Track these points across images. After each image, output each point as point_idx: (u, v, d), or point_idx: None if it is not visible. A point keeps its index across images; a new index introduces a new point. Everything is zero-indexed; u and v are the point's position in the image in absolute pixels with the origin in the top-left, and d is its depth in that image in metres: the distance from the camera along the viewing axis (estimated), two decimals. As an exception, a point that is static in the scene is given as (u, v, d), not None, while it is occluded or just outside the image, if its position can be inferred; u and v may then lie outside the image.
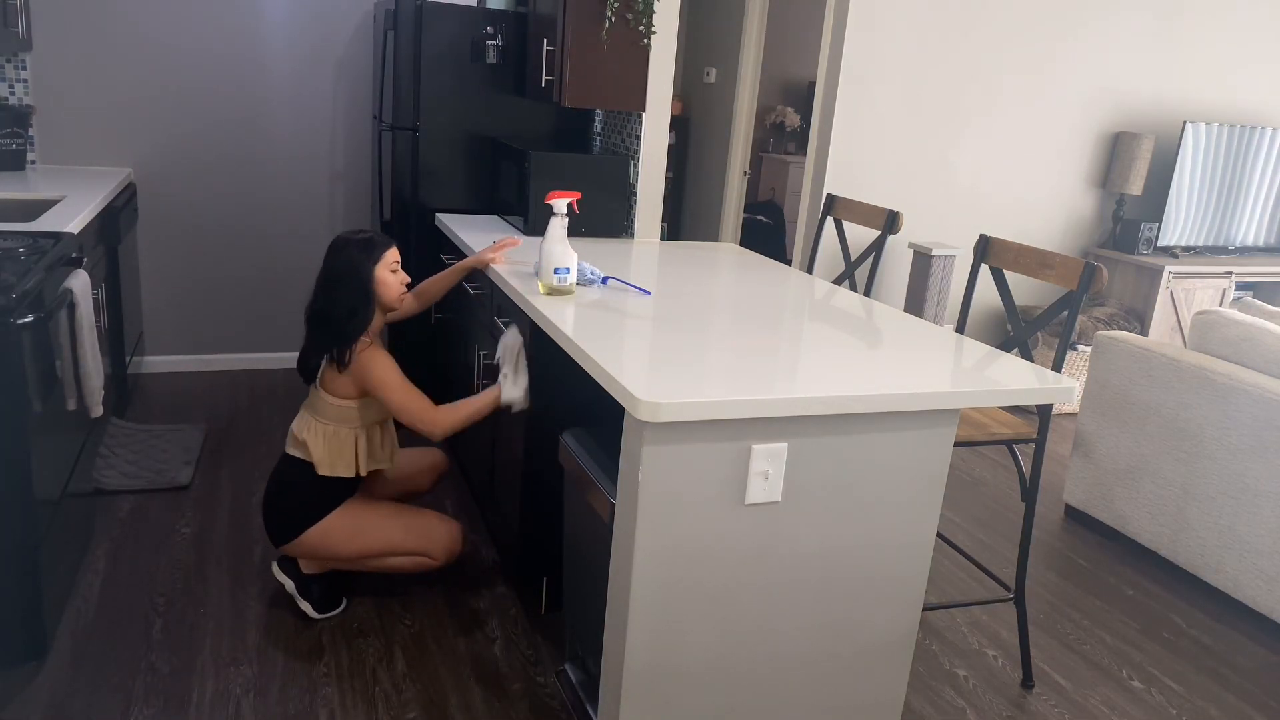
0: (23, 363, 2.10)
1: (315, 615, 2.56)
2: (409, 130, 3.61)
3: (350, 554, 2.50)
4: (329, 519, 2.46)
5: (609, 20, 3.10)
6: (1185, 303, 5.10)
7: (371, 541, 2.49)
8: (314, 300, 2.44)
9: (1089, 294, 2.32)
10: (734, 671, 1.88)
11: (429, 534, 2.55)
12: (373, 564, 2.55)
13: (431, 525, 2.56)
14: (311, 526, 2.46)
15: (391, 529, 2.51)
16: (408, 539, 2.53)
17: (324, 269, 2.43)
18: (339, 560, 2.52)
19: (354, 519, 2.49)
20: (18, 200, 3.23)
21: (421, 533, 2.54)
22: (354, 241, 2.42)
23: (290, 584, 2.56)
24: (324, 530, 2.46)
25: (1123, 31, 5.04)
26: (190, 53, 4.01)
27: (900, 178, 4.80)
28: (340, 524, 2.47)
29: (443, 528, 2.57)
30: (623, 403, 1.69)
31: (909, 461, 1.90)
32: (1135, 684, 2.61)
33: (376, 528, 2.50)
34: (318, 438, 2.44)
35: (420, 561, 2.57)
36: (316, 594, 2.56)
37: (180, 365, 4.35)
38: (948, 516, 3.55)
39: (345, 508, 2.49)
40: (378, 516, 2.52)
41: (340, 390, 2.43)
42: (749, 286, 2.70)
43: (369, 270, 2.41)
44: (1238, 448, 3.00)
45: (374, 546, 2.50)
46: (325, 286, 2.42)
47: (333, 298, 2.40)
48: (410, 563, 2.56)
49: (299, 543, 2.47)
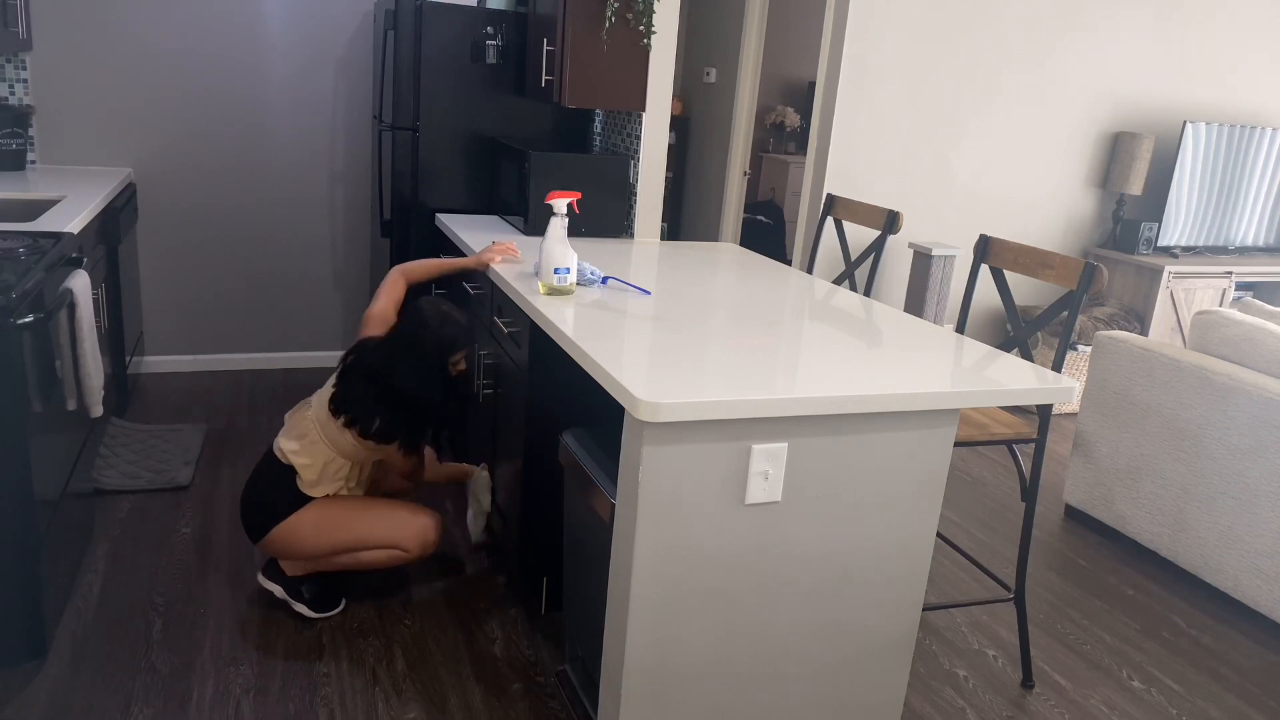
0: (23, 363, 2.10)
1: (312, 615, 2.54)
2: (409, 130, 3.61)
3: (318, 549, 2.44)
4: (296, 515, 2.42)
5: (609, 20, 3.10)
6: (1185, 303, 5.10)
7: (339, 536, 2.43)
8: (386, 364, 2.40)
9: (1089, 294, 2.32)
10: (734, 671, 1.88)
11: (400, 525, 2.48)
12: (344, 560, 2.49)
13: (402, 517, 2.49)
14: (280, 523, 2.42)
15: (359, 522, 2.45)
16: (375, 531, 2.45)
17: (414, 338, 2.41)
18: (309, 556, 2.47)
19: (320, 513, 2.43)
20: (18, 200, 3.23)
21: (392, 524, 2.47)
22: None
23: (278, 589, 2.53)
24: (292, 526, 2.41)
25: (1122, 31, 5.04)
26: (190, 53, 4.01)
27: (900, 178, 4.80)
28: (307, 519, 2.42)
29: (414, 519, 2.50)
30: (623, 403, 1.69)
31: (909, 461, 1.90)
32: (1135, 684, 2.61)
33: (344, 521, 2.44)
34: (316, 459, 2.43)
35: (393, 555, 2.50)
36: (308, 595, 2.54)
37: (180, 365, 4.35)
38: (948, 516, 3.55)
39: (313, 504, 2.44)
40: (345, 510, 2.46)
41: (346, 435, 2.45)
42: (749, 286, 2.70)
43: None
44: (1238, 448, 3.00)
45: (342, 541, 2.44)
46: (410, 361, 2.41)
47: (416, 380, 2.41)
48: (383, 556, 2.49)
49: (268, 540, 2.44)
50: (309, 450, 2.43)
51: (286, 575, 2.54)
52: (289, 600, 2.54)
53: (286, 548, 2.45)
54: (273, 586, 2.54)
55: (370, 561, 2.51)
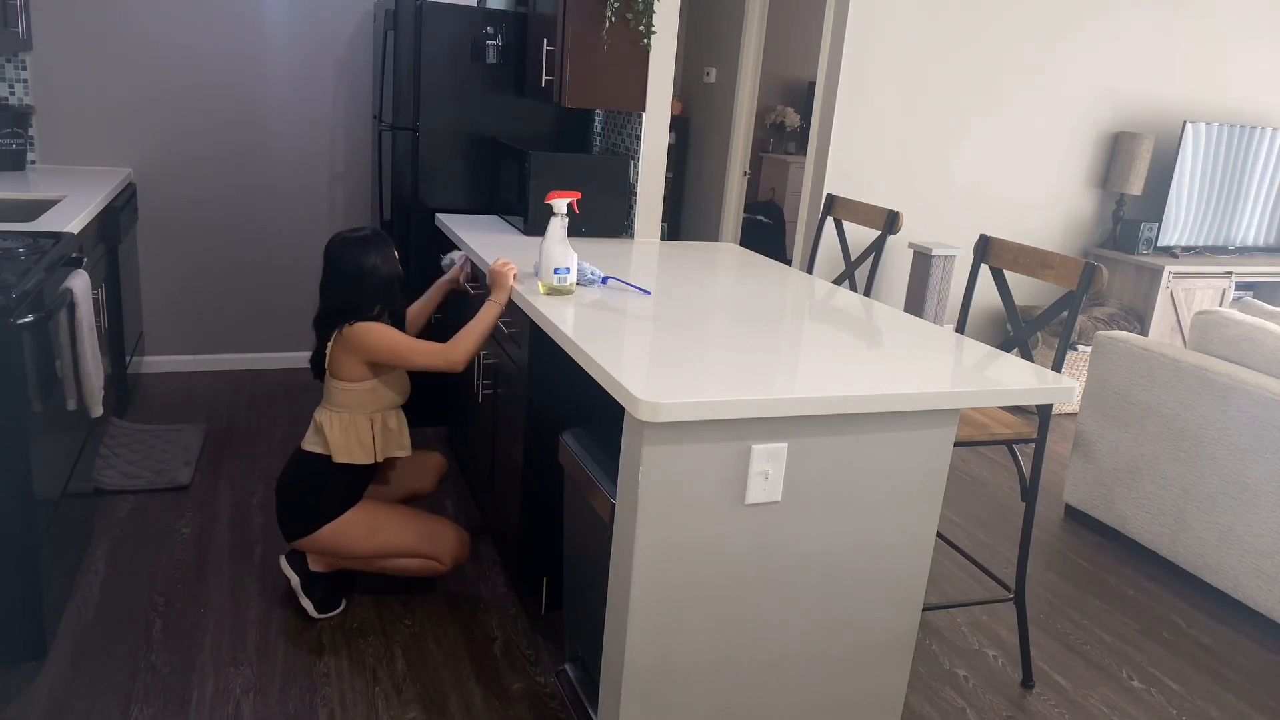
0: (23, 363, 2.10)
1: (315, 615, 2.57)
2: (409, 130, 3.61)
3: (365, 552, 2.53)
4: (346, 516, 2.50)
5: (609, 20, 3.10)
6: (1185, 303, 5.10)
7: (387, 541, 2.53)
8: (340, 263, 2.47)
9: (1089, 294, 2.32)
10: (734, 671, 1.88)
11: (441, 540, 2.61)
12: (381, 564, 2.58)
13: (444, 532, 2.62)
14: (328, 523, 2.48)
15: (406, 532, 2.56)
16: (422, 543, 2.57)
17: (327, 272, 2.48)
18: (351, 558, 2.55)
19: (371, 518, 2.52)
20: (18, 200, 3.23)
21: (435, 538, 2.60)
22: (350, 240, 2.47)
23: (296, 580, 2.58)
24: (341, 527, 2.49)
25: (1122, 31, 5.04)
26: (190, 53, 4.01)
27: (900, 178, 4.80)
28: (357, 521, 2.51)
29: (454, 535, 2.64)
30: (623, 403, 1.69)
31: (909, 461, 1.90)
32: (1135, 684, 2.61)
33: (393, 529, 2.54)
34: (334, 426, 2.48)
35: (429, 565, 2.61)
36: (320, 594, 2.58)
37: (180, 365, 4.35)
38: (948, 516, 3.55)
39: (362, 507, 2.53)
40: (394, 518, 2.56)
41: (351, 374, 2.46)
42: (749, 286, 2.69)
43: (367, 265, 2.46)
44: (1238, 448, 3.00)
45: (389, 546, 2.54)
46: (331, 287, 2.48)
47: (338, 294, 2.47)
48: (418, 564, 2.60)
49: (314, 539, 2.49)
50: (326, 422, 2.49)
51: (309, 569, 2.59)
52: (299, 593, 2.57)
53: (331, 546, 2.51)
54: (291, 575, 2.59)
55: (405, 568, 2.60)
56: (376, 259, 2.47)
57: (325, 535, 2.49)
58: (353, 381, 2.47)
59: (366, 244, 2.47)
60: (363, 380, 2.48)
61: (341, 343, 2.44)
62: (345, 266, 2.44)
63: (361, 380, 2.48)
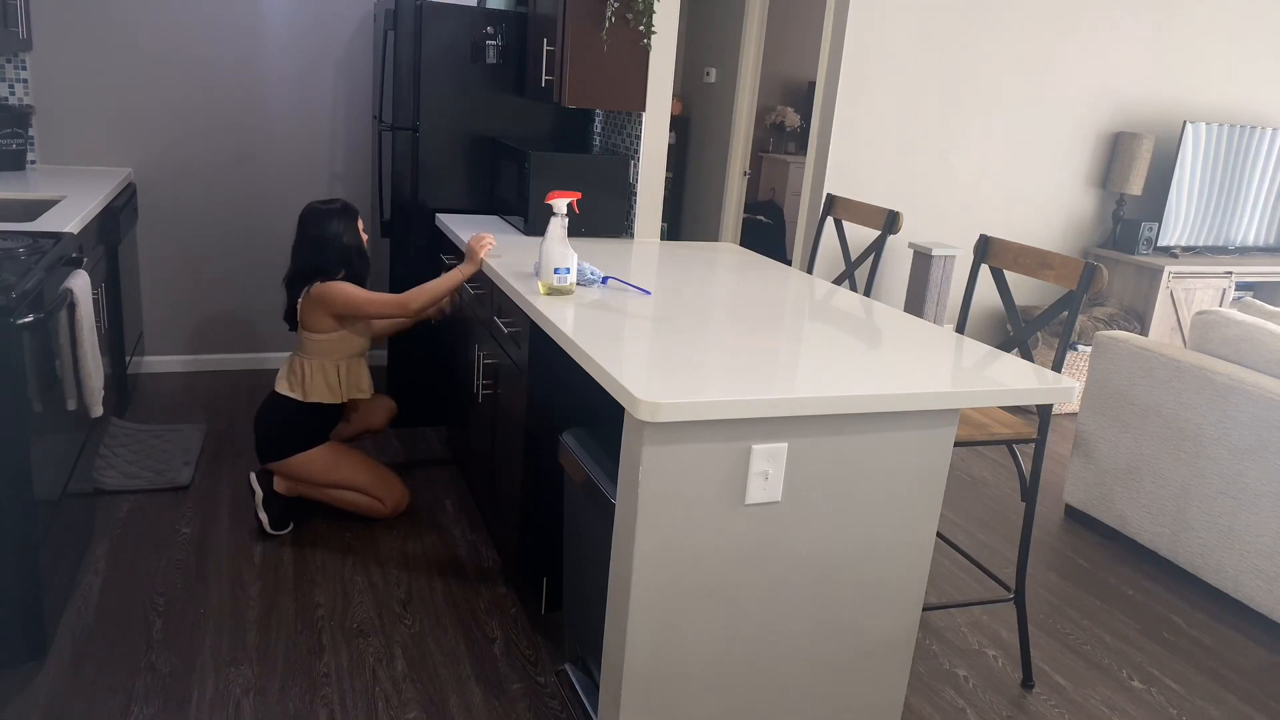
0: (23, 363, 2.10)
1: (270, 531, 2.95)
2: (409, 130, 3.61)
3: (326, 481, 2.99)
4: (316, 450, 2.95)
5: (609, 20, 3.10)
6: (1185, 303, 5.10)
7: (345, 476, 3.00)
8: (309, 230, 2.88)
9: (1089, 294, 2.32)
10: (734, 672, 1.88)
11: (390, 487, 3.08)
12: (335, 494, 3.03)
13: (392, 482, 3.10)
14: (300, 453, 2.92)
15: (363, 473, 3.03)
16: (373, 485, 3.04)
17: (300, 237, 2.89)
18: (313, 484, 3.00)
19: (336, 455, 2.99)
20: (18, 200, 3.23)
21: (384, 484, 3.07)
22: (320, 210, 2.87)
23: (260, 493, 2.95)
24: (311, 457, 2.94)
25: (1122, 31, 5.04)
26: (190, 53, 4.01)
27: (900, 178, 4.80)
28: (324, 456, 2.96)
29: (400, 486, 3.12)
30: (623, 403, 1.69)
31: (909, 461, 1.90)
32: (1135, 684, 2.61)
33: (352, 468, 3.01)
34: (304, 371, 2.91)
35: (374, 504, 3.06)
36: (275, 511, 2.96)
37: (180, 365, 4.35)
38: (948, 516, 3.55)
39: (331, 446, 2.98)
40: (354, 459, 3.04)
41: (320, 326, 2.87)
42: (749, 286, 2.70)
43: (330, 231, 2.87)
44: (1238, 448, 3.00)
45: (345, 480, 3.00)
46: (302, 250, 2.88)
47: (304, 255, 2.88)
48: (366, 502, 3.06)
49: (286, 464, 2.93)
50: (297, 367, 2.92)
51: (274, 489, 2.98)
52: (259, 506, 2.94)
53: (298, 472, 2.95)
54: (257, 488, 2.96)
55: (354, 502, 3.06)
56: (340, 227, 2.87)
57: (296, 462, 2.93)
58: (322, 333, 2.88)
59: (332, 214, 2.88)
60: (331, 332, 2.88)
61: (310, 300, 2.84)
62: (311, 231, 2.86)
63: (330, 332, 2.88)
